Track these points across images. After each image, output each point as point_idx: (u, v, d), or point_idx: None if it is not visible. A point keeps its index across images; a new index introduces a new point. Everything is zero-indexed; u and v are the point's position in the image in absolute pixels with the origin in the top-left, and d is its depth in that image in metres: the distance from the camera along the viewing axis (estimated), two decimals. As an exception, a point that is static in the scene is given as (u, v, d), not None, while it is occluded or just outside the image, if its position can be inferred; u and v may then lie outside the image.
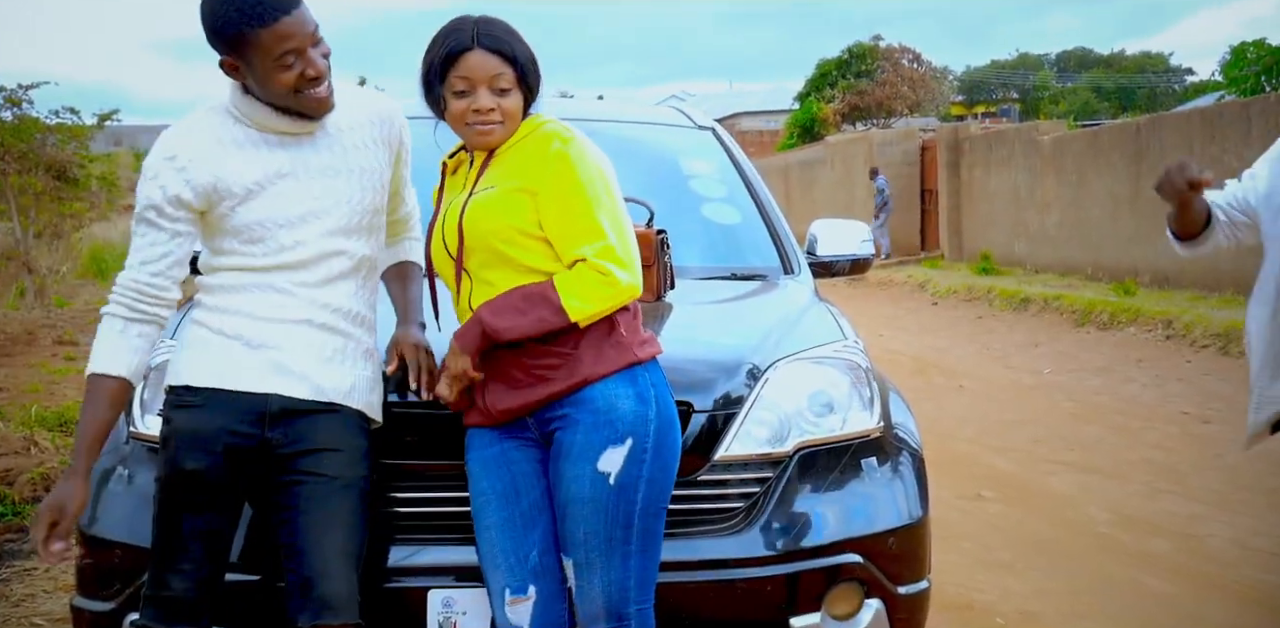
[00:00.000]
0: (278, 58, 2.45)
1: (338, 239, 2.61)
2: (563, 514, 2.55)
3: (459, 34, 2.55)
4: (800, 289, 3.75)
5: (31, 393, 7.58)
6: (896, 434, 3.16)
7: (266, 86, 2.50)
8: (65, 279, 14.85)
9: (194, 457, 2.54)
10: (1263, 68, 17.78)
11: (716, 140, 4.55)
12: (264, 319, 2.57)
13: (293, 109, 2.55)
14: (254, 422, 2.55)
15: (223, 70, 2.55)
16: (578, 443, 2.53)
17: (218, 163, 2.54)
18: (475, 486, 2.62)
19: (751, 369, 2.95)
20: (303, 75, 2.48)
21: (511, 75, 2.55)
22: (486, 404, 2.58)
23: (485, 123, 2.55)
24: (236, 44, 2.46)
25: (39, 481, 5.31)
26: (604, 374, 2.54)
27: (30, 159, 13.05)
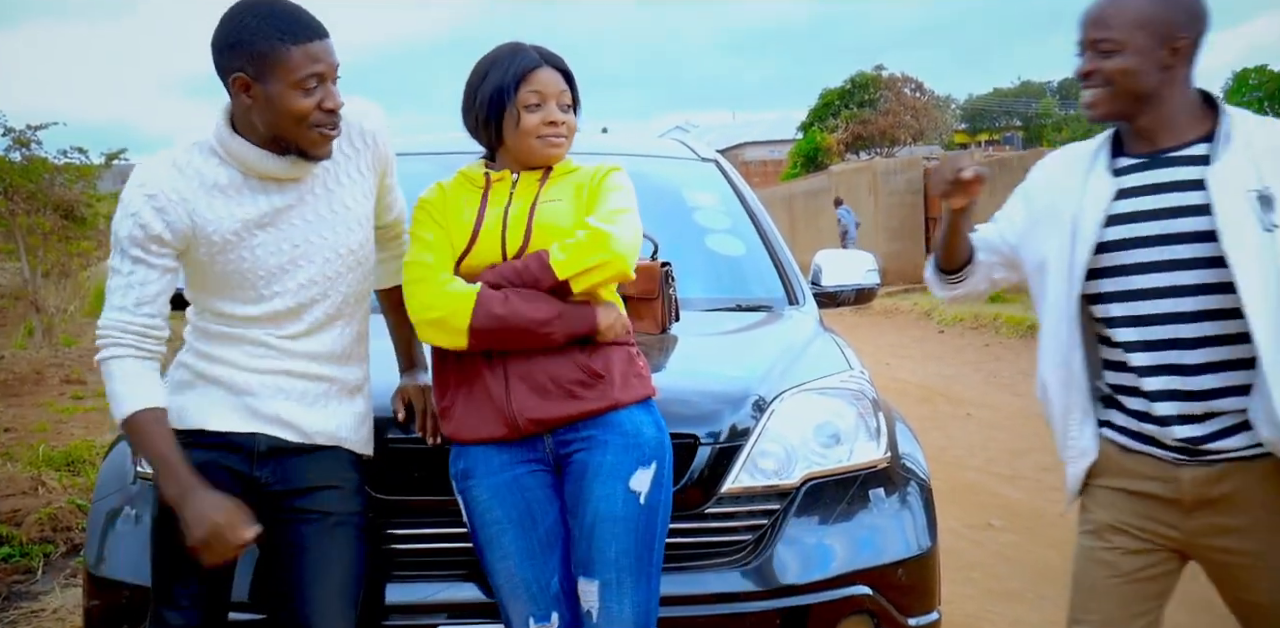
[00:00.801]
0: (301, 80, 2.36)
1: (319, 286, 2.55)
2: (589, 534, 2.53)
3: (524, 54, 2.63)
4: (805, 320, 3.75)
5: (39, 432, 7.58)
6: (904, 464, 3.15)
7: (279, 110, 2.38)
8: (73, 318, 14.87)
9: None
10: (1265, 93, 17.87)
11: (719, 172, 4.58)
12: (245, 370, 2.54)
13: (290, 146, 2.45)
14: (242, 460, 2.53)
15: (230, 89, 2.42)
16: (608, 463, 2.54)
17: (196, 207, 2.44)
18: (487, 514, 2.58)
19: (757, 401, 2.95)
20: (320, 106, 2.40)
21: (570, 95, 2.65)
22: (513, 411, 2.55)
23: (558, 135, 2.61)
24: (260, 59, 2.35)
25: (46, 521, 5.30)
26: (629, 401, 2.58)
27: (38, 199, 13.11)
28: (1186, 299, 2.39)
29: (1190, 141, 2.42)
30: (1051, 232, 2.54)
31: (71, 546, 5.18)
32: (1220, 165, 2.35)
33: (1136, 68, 2.37)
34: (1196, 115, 2.44)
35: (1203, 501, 2.43)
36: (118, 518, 2.97)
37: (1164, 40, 2.36)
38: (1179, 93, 2.41)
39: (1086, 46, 2.43)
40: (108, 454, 3.29)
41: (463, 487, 2.61)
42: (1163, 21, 2.36)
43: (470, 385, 2.58)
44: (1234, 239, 2.31)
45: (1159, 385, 2.43)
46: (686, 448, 2.78)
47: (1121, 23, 2.37)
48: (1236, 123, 2.39)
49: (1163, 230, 2.40)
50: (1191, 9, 2.39)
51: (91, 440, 7.05)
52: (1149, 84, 2.38)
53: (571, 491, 2.57)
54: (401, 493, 2.80)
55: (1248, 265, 2.29)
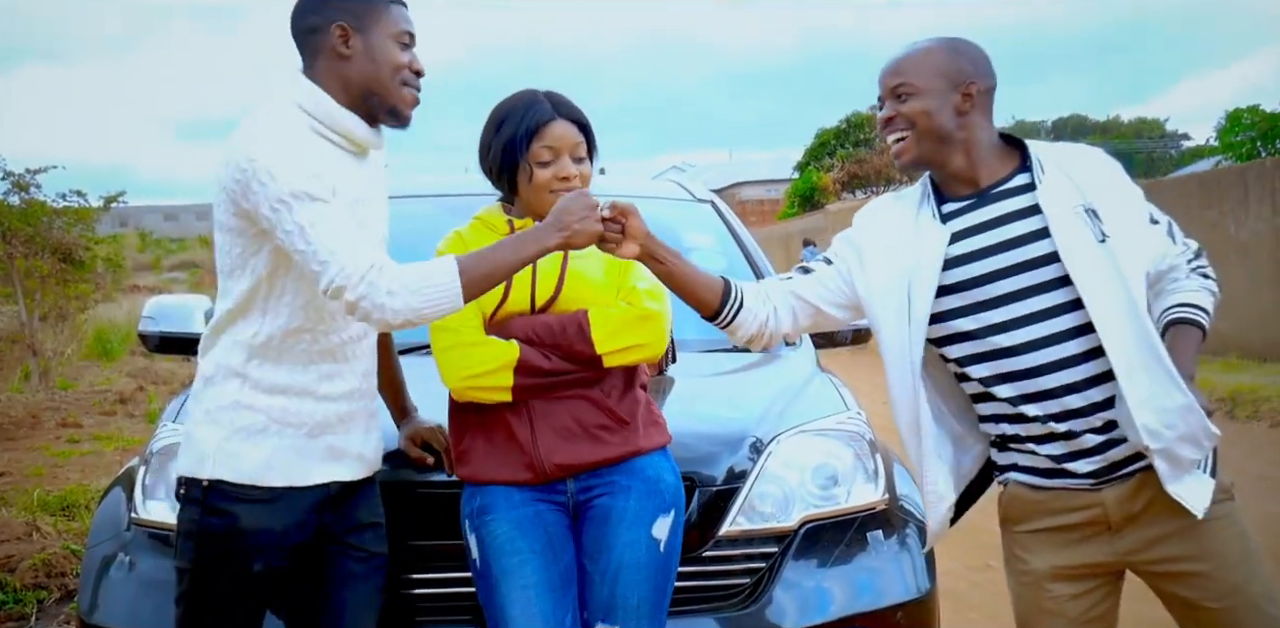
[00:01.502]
0: (401, 34, 2.43)
1: (378, 249, 2.40)
2: (613, 580, 2.52)
3: (538, 105, 2.62)
4: (802, 360, 3.75)
5: (34, 477, 7.53)
6: (902, 506, 3.14)
7: (380, 60, 2.40)
8: (70, 361, 14.84)
9: (265, 556, 2.39)
10: (1258, 133, 17.94)
11: (716, 213, 4.60)
12: (322, 398, 2.43)
13: (379, 106, 2.43)
14: (315, 510, 2.46)
15: (323, 42, 2.40)
16: (631, 509, 2.54)
17: (331, 175, 2.33)
18: (509, 544, 2.54)
19: (754, 443, 2.94)
20: (410, 65, 2.44)
21: (585, 145, 2.64)
22: (540, 456, 2.54)
23: (569, 190, 2.57)
24: (363, 10, 2.39)
25: (41, 567, 5.25)
26: (650, 448, 2.60)
27: (37, 242, 13.11)
28: (1045, 322, 2.44)
29: (1009, 175, 2.53)
30: (885, 278, 2.55)
31: (66, 592, 5.14)
32: (1045, 189, 2.46)
33: (933, 109, 2.48)
34: (1004, 154, 2.55)
35: (1128, 517, 2.45)
36: (112, 565, 2.95)
37: (956, 86, 2.49)
38: (981, 136, 2.52)
39: (886, 96, 2.55)
40: (102, 500, 3.28)
41: (478, 523, 2.58)
42: (954, 69, 2.50)
43: (491, 428, 2.57)
44: (1074, 256, 2.40)
45: (1044, 410, 2.45)
46: (684, 490, 2.76)
47: (916, 69, 2.51)
48: (1040, 151, 2.53)
49: (1009, 262, 2.46)
50: (979, 61, 2.54)
51: (87, 485, 7.00)
52: (947, 126, 2.49)
53: (593, 535, 2.56)
54: (426, 539, 2.78)
55: (1090, 279, 2.38)
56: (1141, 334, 2.37)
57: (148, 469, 2.98)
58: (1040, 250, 2.44)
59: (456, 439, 2.65)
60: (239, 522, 2.37)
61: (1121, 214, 2.46)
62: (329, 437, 2.45)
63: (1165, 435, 2.36)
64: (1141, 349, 2.37)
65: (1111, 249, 2.40)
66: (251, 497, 2.37)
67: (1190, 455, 2.39)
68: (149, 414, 10.61)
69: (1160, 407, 2.35)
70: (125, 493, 3.08)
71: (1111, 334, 2.37)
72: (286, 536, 2.41)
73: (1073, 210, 2.43)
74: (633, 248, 2.46)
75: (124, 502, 3.05)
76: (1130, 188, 2.54)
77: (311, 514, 2.45)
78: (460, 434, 2.64)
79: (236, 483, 2.37)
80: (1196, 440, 2.38)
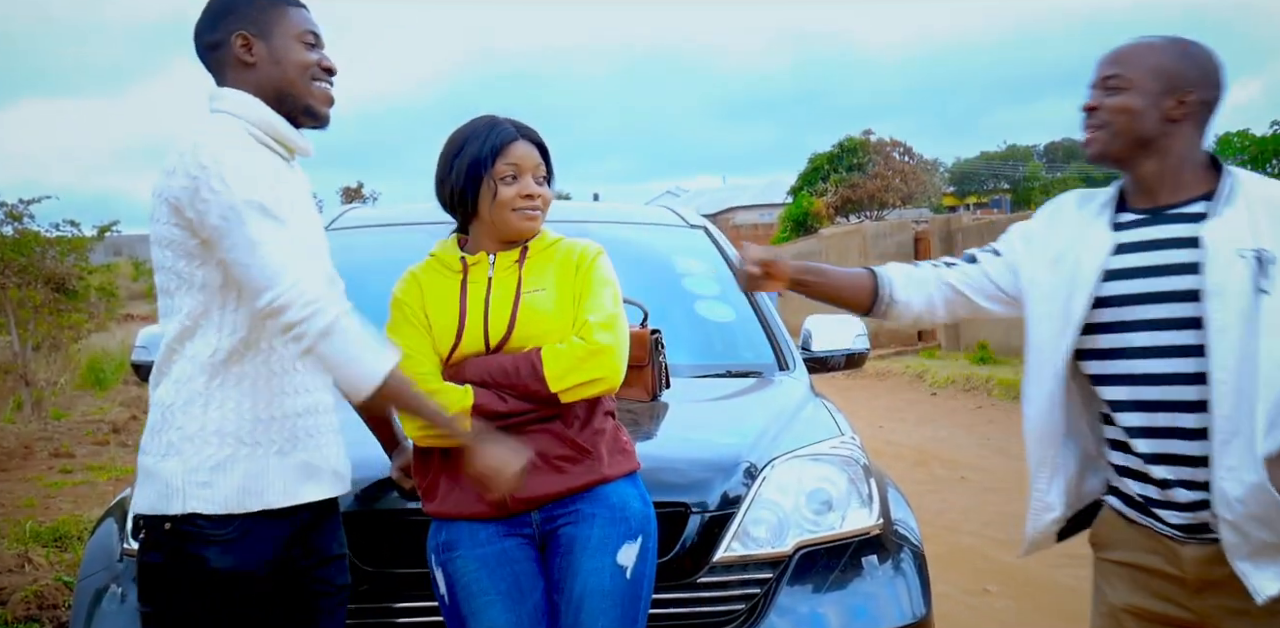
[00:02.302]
0: (304, 34, 2.44)
1: (329, 283, 2.39)
2: (577, 608, 2.50)
3: (501, 127, 2.63)
4: (796, 385, 3.75)
5: (26, 508, 7.50)
6: (896, 531, 3.13)
7: (285, 62, 2.41)
8: (63, 391, 14.80)
9: (237, 602, 2.31)
10: (1248, 157, 18.03)
11: (709, 239, 4.61)
12: (289, 413, 2.36)
13: (296, 107, 2.43)
14: (286, 542, 2.38)
15: (226, 53, 2.40)
16: (595, 536, 2.52)
17: (280, 186, 2.33)
18: (474, 585, 2.53)
19: (749, 468, 2.94)
20: (319, 63, 2.46)
21: (545, 168, 2.65)
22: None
23: (533, 209, 2.60)
24: (262, 15, 2.40)
25: (32, 598, 5.21)
26: (616, 476, 2.58)
27: (30, 272, 13.11)
28: (1175, 360, 2.33)
29: (1190, 199, 2.38)
30: (1050, 278, 2.49)
31: (58, 624, 5.09)
32: (1216, 223, 2.30)
33: (1138, 109, 2.36)
34: (1200, 175, 2.39)
35: (1207, 581, 2.35)
36: (104, 597, 2.93)
37: (1172, 90, 2.35)
38: (1182, 148, 2.38)
39: (1096, 84, 2.43)
40: (94, 531, 3.26)
41: (444, 558, 2.57)
42: (1176, 72, 2.35)
43: (455, 464, 2.53)
44: (1219, 300, 2.26)
45: (1151, 449, 2.38)
46: (678, 516, 2.76)
47: (1135, 63, 2.38)
48: (1241, 184, 2.35)
49: (1155, 288, 2.36)
50: (1208, 70, 2.39)
51: (80, 515, 6.97)
52: (1147, 129, 2.36)
53: (559, 564, 2.54)
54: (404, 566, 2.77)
55: (1227, 329, 2.25)
56: (1253, 398, 2.22)
57: (138, 500, 2.97)
58: (1187, 284, 2.31)
59: (420, 475, 2.63)
60: (208, 564, 2.28)
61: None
62: (301, 453, 2.38)
63: (1236, 509, 2.24)
64: (1245, 414, 2.22)
65: (1267, 303, 2.23)
66: (221, 537, 2.27)
67: (1265, 538, 2.25)
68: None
69: (1242, 479, 2.23)
70: (118, 524, 3.07)
71: (1221, 390, 2.25)
72: (258, 574, 2.31)
73: (1236, 252, 2.26)
74: (777, 284, 2.60)
75: (116, 533, 3.04)
76: None
77: (282, 550, 2.36)
78: (424, 470, 2.62)
79: (211, 515, 2.27)
80: (1271, 524, 2.24)
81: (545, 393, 2.51)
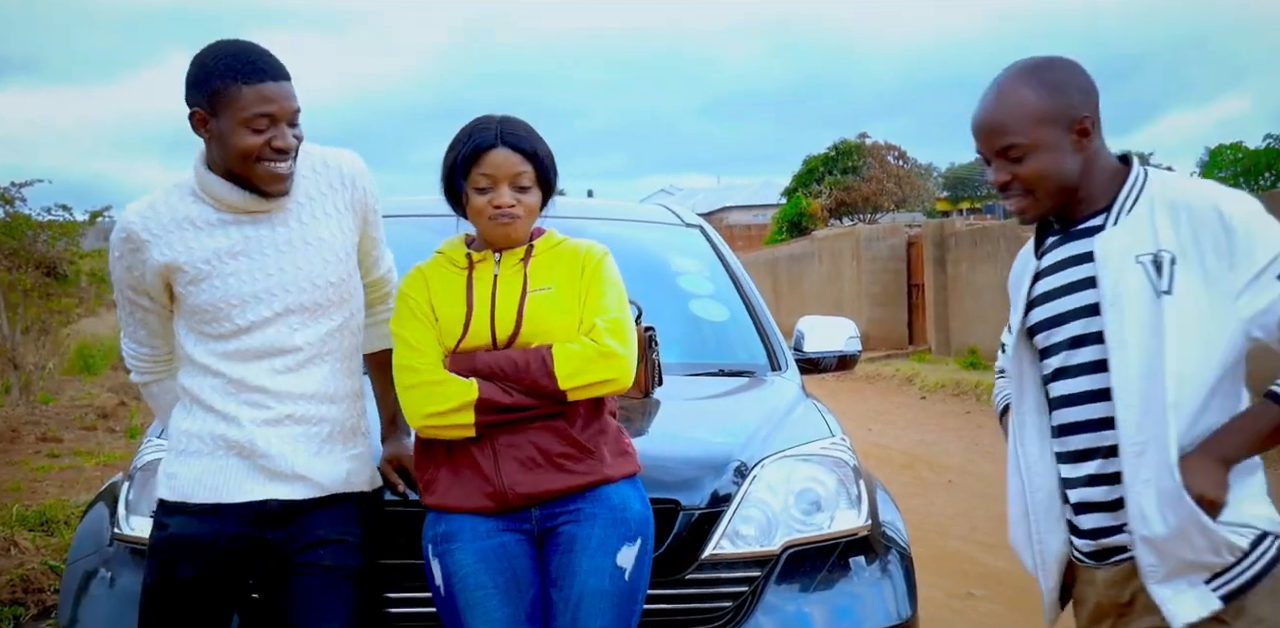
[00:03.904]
0: (251, 119, 2.46)
1: (298, 317, 2.58)
2: (575, 608, 2.52)
3: (484, 132, 2.62)
4: (787, 386, 3.77)
5: (13, 492, 7.48)
6: (884, 532, 3.15)
7: (228, 147, 2.48)
8: (52, 375, 14.77)
9: (188, 564, 2.50)
10: (1241, 169, 18.10)
11: (704, 238, 4.62)
12: (249, 423, 2.54)
13: (246, 183, 2.53)
14: (253, 524, 2.53)
15: (191, 124, 2.53)
16: (595, 536, 2.54)
17: (170, 240, 2.54)
18: (471, 578, 2.54)
19: (739, 467, 2.95)
20: (269, 144, 2.48)
21: (532, 173, 2.62)
22: (503, 485, 2.55)
23: (506, 217, 2.59)
24: (214, 96, 2.46)
25: (18, 582, 5.21)
26: (618, 477, 2.60)
27: (20, 256, 13.07)
28: (1083, 378, 2.28)
29: (1096, 211, 2.29)
30: (1011, 322, 2.46)
31: (43, 608, 5.10)
32: (1112, 232, 2.23)
33: (1053, 165, 2.25)
34: (1109, 184, 2.29)
35: (1117, 603, 2.30)
36: (93, 580, 2.94)
37: (1067, 126, 2.24)
38: (1097, 167, 2.29)
39: (993, 156, 2.31)
40: (84, 515, 3.27)
41: (442, 550, 2.58)
42: (1059, 108, 2.23)
43: (456, 459, 2.58)
44: (1115, 311, 2.19)
45: (1068, 472, 2.33)
46: (667, 514, 2.77)
47: (1020, 123, 2.24)
48: (1149, 186, 2.25)
49: (1067, 307, 2.29)
50: (1076, 85, 2.27)
51: (67, 500, 6.96)
52: (1070, 174, 2.26)
53: (559, 562, 2.56)
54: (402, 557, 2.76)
55: (1127, 339, 2.17)
56: (1159, 405, 2.13)
57: (131, 485, 2.98)
58: (1088, 300, 2.24)
59: (421, 469, 2.66)
60: (169, 531, 2.55)
61: (1217, 265, 2.13)
62: (260, 459, 2.54)
63: (1154, 524, 2.14)
64: (1155, 423, 2.14)
65: (1171, 304, 2.14)
66: (184, 510, 2.54)
67: (1185, 556, 2.14)
68: (130, 430, 10.57)
69: (1159, 490, 2.13)
70: (108, 508, 3.07)
71: (1124, 401, 2.18)
72: (213, 544, 2.51)
73: (1132, 258, 2.18)
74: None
75: (107, 517, 3.04)
76: (1256, 237, 2.12)
77: (245, 527, 2.52)
78: (426, 464, 2.64)
79: (171, 500, 2.56)
80: (1188, 539, 2.12)
81: (553, 389, 2.52)
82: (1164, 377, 2.13)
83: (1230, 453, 2.15)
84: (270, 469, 2.54)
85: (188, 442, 2.58)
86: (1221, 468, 2.14)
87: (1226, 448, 2.15)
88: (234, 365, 2.55)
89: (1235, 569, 2.15)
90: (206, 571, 2.50)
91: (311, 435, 2.59)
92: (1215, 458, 2.14)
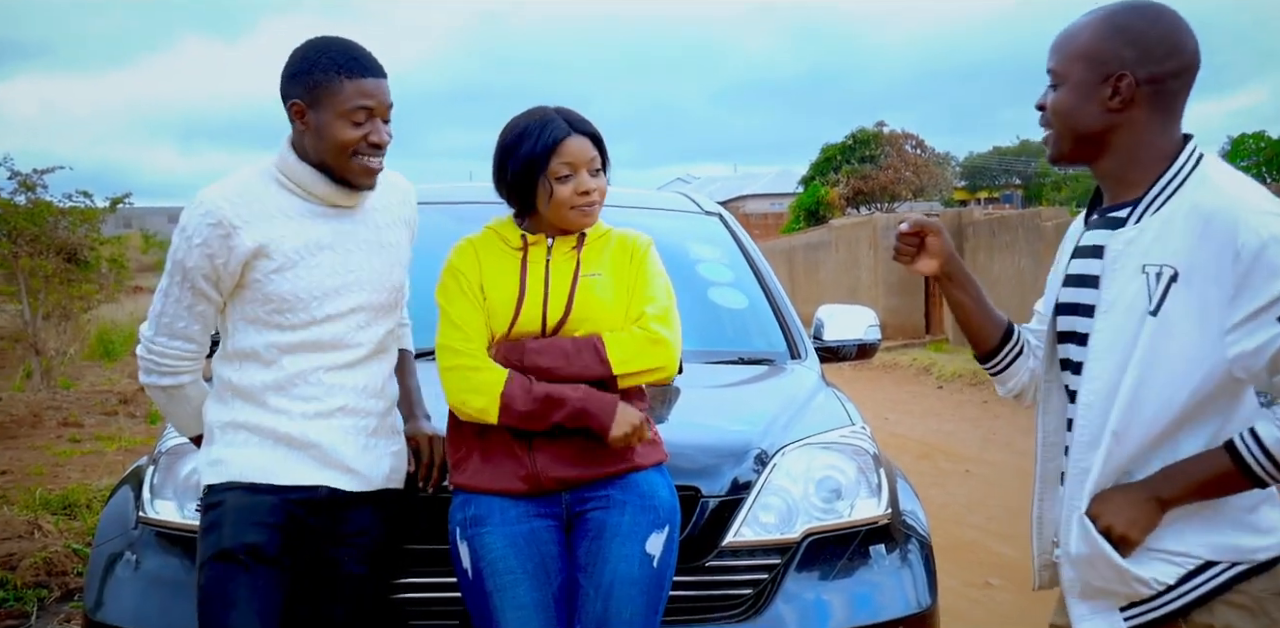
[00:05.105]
0: (351, 111, 2.51)
1: (367, 315, 2.63)
2: (606, 594, 2.54)
3: (553, 123, 2.64)
4: (807, 374, 3.77)
5: (36, 476, 7.54)
6: (904, 521, 3.15)
7: (326, 138, 2.53)
8: (72, 361, 14.86)
9: (255, 530, 2.51)
10: (1263, 159, 17.94)
11: (723, 226, 4.61)
12: (301, 416, 2.57)
13: (335, 174, 2.57)
14: (301, 506, 2.55)
15: (289, 114, 2.58)
16: (625, 523, 2.57)
17: (261, 228, 2.54)
18: (500, 562, 2.56)
19: (759, 454, 2.96)
20: (366, 138, 2.54)
21: (599, 159, 2.66)
22: (536, 469, 2.58)
23: (590, 204, 2.63)
24: (315, 88, 2.52)
25: (42, 565, 5.26)
26: (647, 465, 2.63)
27: (42, 242, 13.15)
28: (1077, 377, 2.17)
29: (1129, 201, 2.11)
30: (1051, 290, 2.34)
31: (66, 590, 5.15)
32: (1130, 231, 2.06)
33: (1072, 105, 2.09)
34: (1155, 170, 2.08)
35: None
36: (118, 563, 2.96)
37: (1104, 77, 2.05)
38: (1133, 140, 2.09)
39: (1049, 77, 2.17)
40: (110, 499, 3.29)
41: (471, 533, 2.59)
42: (1105, 55, 2.05)
43: (489, 441, 2.61)
44: (1105, 318, 2.07)
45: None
46: (688, 501, 2.78)
47: (1065, 51, 2.11)
48: (1191, 181, 2.04)
49: (1079, 299, 2.18)
50: (1148, 42, 2.04)
51: (89, 484, 7.02)
52: (1088, 125, 2.09)
53: (588, 548, 2.58)
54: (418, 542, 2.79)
55: (1108, 350, 2.06)
56: (1113, 428, 2.05)
57: (156, 469, 3.00)
58: (1089, 299, 2.13)
59: (454, 448, 2.68)
60: (226, 505, 2.54)
61: (1218, 294, 1.94)
62: (312, 449, 2.57)
63: (1072, 544, 2.11)
64: (1103, 445, 2.07)
65: (1157, 326, 1.99)
66: (236, 487, 2.55)
67: (1096, 584, 2.10)
68: (150, 415, 10.63)
69: (1080, 513, 2.09)
70: (133, 492, 3.10)
71: (1084, 415, 2.10)
72: (269, 513, 2.52)
73: (1137, 267, 2.02)
74: (930, 264, 2.35)
75: (132, 501, 3.07)
76: (1267, 271, 1.90)
77: (295, 508, 2.54)
78: (459, 443, 2.67)
79: (219, 483, 2.57)
80: (1095, 567, 2.08)
81: (606, 374, 2.56)
82: (1114, 402, 2.05)
83: (1165, 493, 2.03)
84: (322, 459, 2.57)
85: (234, 434, 2.59)
86: (1149, 506, 2.04)
87: (1162, 488, 2.04)
88: (294, 358, 2.57)
89: (1155, 601, 2.07)
90: (269, 539, 2.50)
91: (360, 428, 2.63)
92: (1145, 495, 2.05)
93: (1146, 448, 2.05)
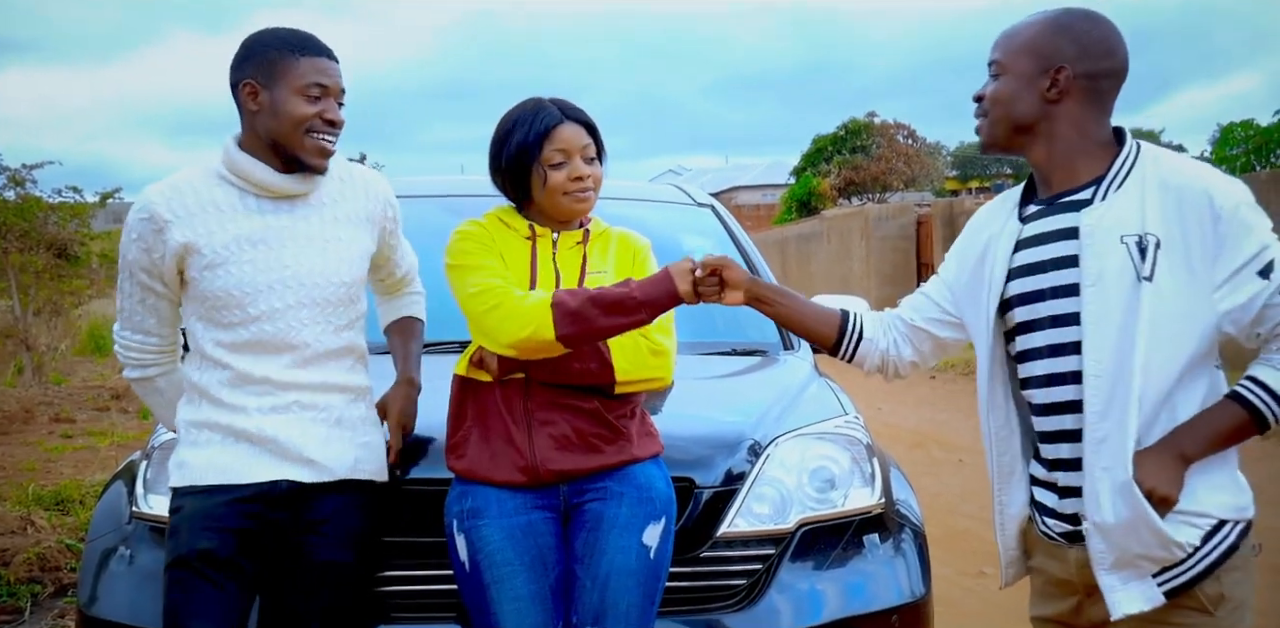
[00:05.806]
0: (306, 86, 2.53)
1: (310, 312, 2.60)
2: (603, 585, 2.54)
3: (546, 111, 2.64)
4: (800, 364, 3.77)
5: (28, 471, 7.54)
6: (898, 510, 3.15)
7: (281, 114, 2.53)
8: (63, 356, 14.84)
9: (206, 536, 2.51)
10: (1252, 147, 17.93)
11: (716, 217, 4.62)
12: (257, 411, 2.57)
13: (289, 155, 2.56)
14: (262, 504, 2.55)
15: (240, 99, 2.58)
16: (623, 515, 2.57)
17: (193, 224, 2.54)
18: (498, 554, 2.56)
19: (753, 445, 2.96)
20: (321, 115, 2.54)
21: (594, 147, 2.66)
22: (536, 461, 2.57)
23: (584, 191, 2.63)
24: (269, 66, 2.53)
25: (35, 561, 5.25)
26: (644, 457, 2.64)
27: (32, 237, 13.12)
28: (1058, 359, 2.24)
29: (1082, 185, 2.24)
30: (972, 284, 2.42)
31: (60, 586, 5.15)
32: (1099, 208, 2.17)
33: (1012, 93, 2.26)
34: (1098, 157, 2.24)
35: (1089, 584, 2.25)
36: (112, 558, 2.96)
37: (1044, 69, 2.22)
38: (1068, 130, 2.24)
39: (991, 68, 2.33)
40: (103, 494, 3.29)
41: (469, 525, 2.59)
42: (1047, 49, 2.22)
43: (488, 426, 2.60)
44: (1094, 291, 2.15)
45: (1052, 453, 2.30)
46: (683, 492, 2.78)
47: (1008, 45, 2.28)
48: (1142, 163, 2.19)
49: (1051, 283, 2.24)
50: (1087, 41, 2.22)
51: (81, 480, 7.01)
52: (1024, 114, 2.26)
53: (585, 540, 2.58)
54: (402, 535, 2.79)
55: (1103, 321, 2.14)
56: (1125, 394, 2.11)
57: (149, 463, 3.00)
58: (1070, 278, 2.20)
59: (453, 429, 2.67)
60: (184, 510, 2.56)
61: (1201, 255, 2.09)
62: (269, 444, 2.57)
63: (1106, 513, 2.14)
64: (1119, 412, 2.12)
65: (1150, 292, 2.10)
66: (195, 491, 2.56)
67: (1135, 550, 2.13)
68: (142, 410, 10.62)
69: (1115, 480, 2.12)
70: (126, 487, 3.10)
71: (1095, 385, 2.15)
72: (226, 518, 2.52)
73: (1117, 239, 2.13)
74: (736, 295, 2.56)
75: (125, 496, 3.07)
76: (1243, 229, 2.08)
77: (255, 507, 2.54)
78: (458, 423, 2.66)
79: (181, 485, 2.58)
80: (1137, 533, 2.11)
81: (608, 381, 2.58)
82: (1132, 366, 2.11)
83: (1189, 450, 2.12)
84: (280, 453, 2.57)
85: (197, 433, 2.60)
86: (1178, 464, 2.12)
87: (1186, 445, 2.12)
88: (241, 358, 2.57)
89: (1184, 565, 2.13)
90: (221, 544, 2.50)
91: (320, 420, 2.62)
92: (1173, 454, 2.12)
93: (1157, 409, 2.14)
